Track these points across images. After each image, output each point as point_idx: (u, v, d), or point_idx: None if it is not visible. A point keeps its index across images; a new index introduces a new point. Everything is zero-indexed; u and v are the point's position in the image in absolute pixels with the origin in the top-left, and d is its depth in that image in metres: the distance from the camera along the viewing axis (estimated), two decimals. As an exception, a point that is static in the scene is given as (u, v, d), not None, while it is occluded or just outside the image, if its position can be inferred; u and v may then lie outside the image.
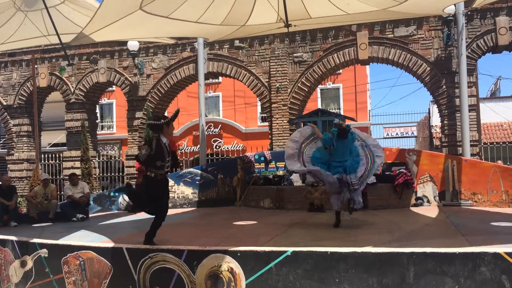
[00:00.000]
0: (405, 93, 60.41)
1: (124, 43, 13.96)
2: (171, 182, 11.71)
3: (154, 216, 5.85)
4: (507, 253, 4.24)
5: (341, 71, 19.60)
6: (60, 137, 21.80)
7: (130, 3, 5.97)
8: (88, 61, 15.28)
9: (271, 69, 13.39)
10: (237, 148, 23.13)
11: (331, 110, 21.16)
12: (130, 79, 14.76)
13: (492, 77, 46.82)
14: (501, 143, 13.87)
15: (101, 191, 14.68)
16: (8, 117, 16.17)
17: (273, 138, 13.40)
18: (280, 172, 11.34)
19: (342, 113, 21.97)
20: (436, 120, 19.48)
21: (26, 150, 16.04)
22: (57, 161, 16.67)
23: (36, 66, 15.36)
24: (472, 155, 11.49)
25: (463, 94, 11.49)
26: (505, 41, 11.81)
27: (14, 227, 8.98)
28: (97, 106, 17.01)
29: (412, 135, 27.26)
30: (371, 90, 26.21)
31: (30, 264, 6.06)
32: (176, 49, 14.37)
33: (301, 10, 7.26)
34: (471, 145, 11.58)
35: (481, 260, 4.28)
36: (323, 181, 7.17)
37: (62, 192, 13.08)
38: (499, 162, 13.10)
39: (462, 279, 4.29)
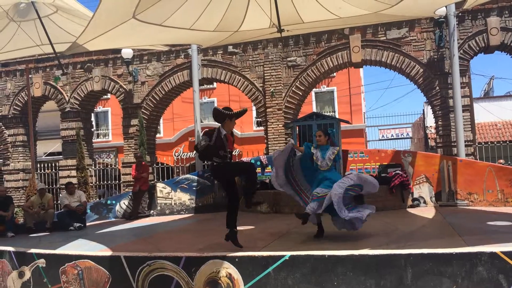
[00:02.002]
0: (399, 94, 60.77)
1: (118, 51, 13.98)
2: (167, 189, 11.75)
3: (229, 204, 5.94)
4: (503, 252, 4.27)
5: (335, 74, 19.79)
6: (55, 146, 21.73)
7: (124, 12, 5.98)
8: (82, 70, 15.28)
9: (265, 74, 13.44)
10: (233, 153, 23.10)
11: (326, 113, 21.24)
12: (124, 86, 14.76)
13: (485, 77, 47.16)
14: (495, 143, 13.94)
15: (97, 199, 14.64)
16: (3, 127, 16.12)
17: (269, 143, 13.42)
18: (277, 176, 11.33)
19: (337, 116, 22.04)
20: (430, 121, 19.58)
21: (22, 160, 15.99)
22: (53, 170, 16.62)
23: (30, 75, 15.36)
24: (467, 155, 11.55)
25: (456, 94, 11.56)
26: (496, 41, 11.90)
27: (11, 238, 8.95)
28: (92, 114, 16.97)
29: (407, 136, 27.35)
30: (365, 92, 26.36)
31: (28, 274, 6.04)
32: (170, 56, 14.40)
33: (293, 15, 7.30)
34: (466, 145, 11.65)
35: (478, 260, 4.30)
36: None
37: (58, 201, 13.05)
38: (501, 161, 13.15)
39: (460, 279, 4.31)
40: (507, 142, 13.85)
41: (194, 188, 11.68)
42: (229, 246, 5.61)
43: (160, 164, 15.81)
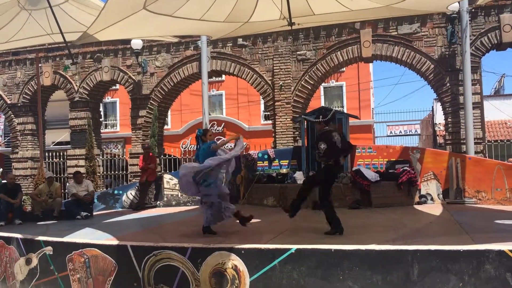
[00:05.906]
0: (408, 90, 60.36)
1: (128, 41, 13.99)
2: (174, 180, 11.78)
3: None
4: (511, 251, 4.24)
5: (344, 69, 19.69)
6: (64, 135, 21.87)
7: (134, 2, 5.97)
8: (92, 60, 15.32)
9: (274, 67, 13.39)
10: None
11: (334, 108, 21.13)
12: (133, 77, 14.78)
13: (496, 74, 46.59)
14: (505, 141, 13.81)
15: (105, 189, 14.73)
16: (13, 115, 16.23)
17: (277, 136, 13.40)
18: (284, 170, 11.35)
19: (345, 111, 21.93)
20: (439, 118, 19.45)
21: (31, 148, 16.10)
22: (62, 159, 16.72)
23: (40, 64, 15.43)
24: (476, 152, 11.45)
25: (467, 91, 11.45)
26: (509, 38, 11.76)
27: (18, 225, 9.04)
28: (100, 104, 17.04)
29: (416, 133, 27.16)
30: (374, 88, 26.15)
31: (35, 261, 6.10)
32: (179, 48, 14.38)
33: (304, 7, 7.24)
34: (475, 143, 11.55)
35: (485, 257, 4.27)
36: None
37: (66, 190, 13.14)
38: (511, 159, 13.02)
39: (467, 276, 4.28)
40: (517, 140, 13.73)
41: (201, 180, 11.67)
42: (235, 239, 5.61)
43: (167, 156, 15.84)
